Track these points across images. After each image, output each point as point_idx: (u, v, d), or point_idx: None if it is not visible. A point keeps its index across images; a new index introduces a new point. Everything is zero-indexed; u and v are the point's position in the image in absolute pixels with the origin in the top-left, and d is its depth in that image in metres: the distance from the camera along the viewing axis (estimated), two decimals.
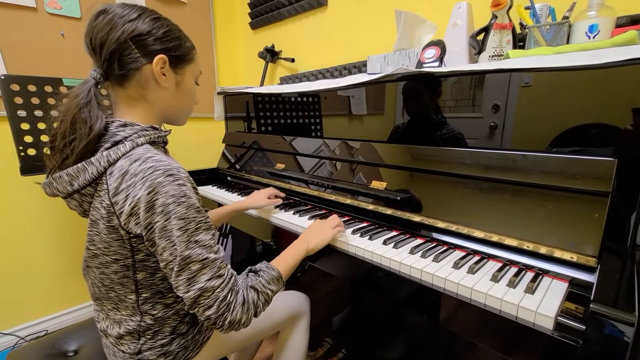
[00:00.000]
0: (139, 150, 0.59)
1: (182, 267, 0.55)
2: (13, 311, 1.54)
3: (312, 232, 0.81)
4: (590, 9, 0.74)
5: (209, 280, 0.56)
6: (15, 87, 1.14)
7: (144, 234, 0.57)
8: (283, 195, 1.06)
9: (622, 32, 0.65)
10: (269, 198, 1.06)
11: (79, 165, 0.59)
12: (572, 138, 0.67)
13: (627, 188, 0.61)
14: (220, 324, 0.57)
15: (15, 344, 1.52)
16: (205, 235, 0.58)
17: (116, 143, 0.60)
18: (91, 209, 0.62)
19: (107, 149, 0.59)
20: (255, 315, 0.61)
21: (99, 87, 0.62)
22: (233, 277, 0.60)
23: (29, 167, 1.17)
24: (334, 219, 0.84)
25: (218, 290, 0.56)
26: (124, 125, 0.62)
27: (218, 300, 0.56)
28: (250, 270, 0.67)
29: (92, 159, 0.59)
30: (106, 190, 0.59)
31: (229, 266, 0.61)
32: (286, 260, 0.72)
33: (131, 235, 0.59)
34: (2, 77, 1.12)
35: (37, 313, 1.60)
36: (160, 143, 0.67)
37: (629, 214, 0.61)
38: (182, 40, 0.66)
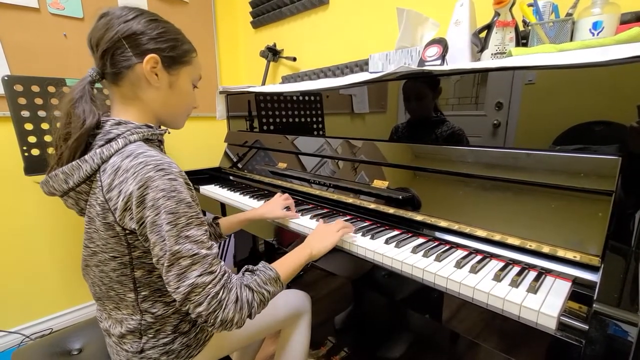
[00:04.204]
0: (131, 147, 0.60)
1: (171, 263, 0.54)
2: (19, 310, 1.55)
3: (316, 237, 0.79)
4: (594, 6, 0.73)
5: (199, 276, 0.54)
6: (18, 88, 1.15)
7: (137, 229, 0.57)
8: (293, 205, 1.00)
9: (627, 29, 0.65)
10: (284, 208, 0.98)
11: (73, 163, 0.60)
12: (576, 136, 0.66)
13: (631, 186, 0.61)
14: (212, 321, 0.55)
15: (21, 342, 1.54)
16: (197, 231, 0.57)
17: (109, 140, 0.61)
18: (87, 206, 0.63)
19: (101, 146, 0.60)
20: (250, 317, 0.59)
21: (94, 84, 0.63)
22: (226, 274, 0.58)
23: (32, 167, 1.18)
24: (339, 222, 0.82)
25: (209, 286, 0.55)
26: (118, 123, 0.62)
27: (209, 297, 0.54)
28: (247, 270, 0.65)
29: (85, 156, 0.59)
30: (100, 187, 0.59)
31: (223, 263, 0.59)
32: (287, 263, 0.70)
33: (127, 231, 0.59)
34: (6, 78, 1.13)
35: (42, 311, 1.62)
36: (155, 141, 0.67)
37: (633, 213, 0.60)
38: (178, 42, 0.66)
